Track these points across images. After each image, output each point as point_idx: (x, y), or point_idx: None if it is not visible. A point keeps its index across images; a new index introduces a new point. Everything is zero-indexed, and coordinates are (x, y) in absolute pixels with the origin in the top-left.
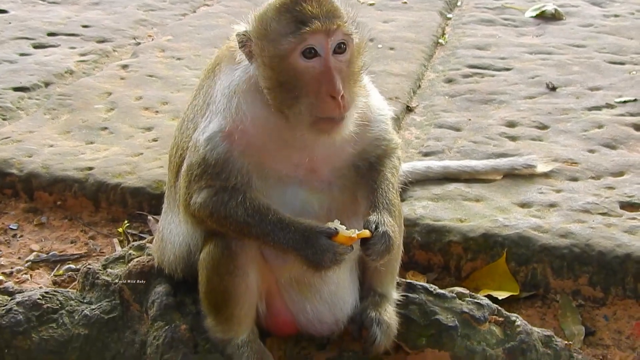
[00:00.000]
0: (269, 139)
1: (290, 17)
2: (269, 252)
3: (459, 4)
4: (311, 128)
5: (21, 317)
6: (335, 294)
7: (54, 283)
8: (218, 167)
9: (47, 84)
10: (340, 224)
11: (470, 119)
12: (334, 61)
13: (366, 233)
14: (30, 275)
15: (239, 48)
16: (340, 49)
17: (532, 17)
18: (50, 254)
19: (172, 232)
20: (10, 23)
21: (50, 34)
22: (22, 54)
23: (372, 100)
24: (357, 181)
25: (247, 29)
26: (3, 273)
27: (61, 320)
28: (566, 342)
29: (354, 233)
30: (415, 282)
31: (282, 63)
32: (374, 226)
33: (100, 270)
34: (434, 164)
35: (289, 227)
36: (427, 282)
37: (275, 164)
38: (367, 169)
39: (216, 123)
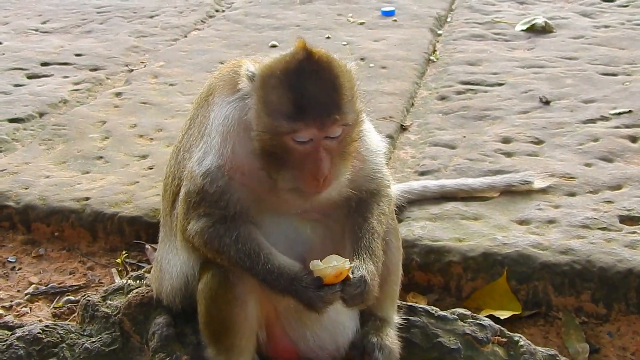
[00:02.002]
0: (265, 181)
1: (289, 98)
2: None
3: (448, 20)
4: (292, 192)
5: (22, 352)
6: (335, 320)
7: (54, 315)
8: (216, 195)
9: (41, 114)
10: (322, 260)
11: (465, 136)
12: (325, 144)
13: (346, 269)
14: (30, 308)
15: (246, 80)
16: (332, 134)
17: (522, 30)
18: (49, 285)
19: (169, 262)
20: (3, 54)
21: (44, 64)
22: (16, 85)
23: (366, 136)
24: (347, 216)
25: (254, 74)
26: (2, 307)
27: (62, 354)
28: None
29: (335, 268)
30: (416, 305)
31: (273, 137)
32: (355, 269)
33: (99, 302)
34: (431, 183)
35: (279, 278)
36: (428, 303)
37: (270, 199)
38: (356, 206)
39: (213, 158)
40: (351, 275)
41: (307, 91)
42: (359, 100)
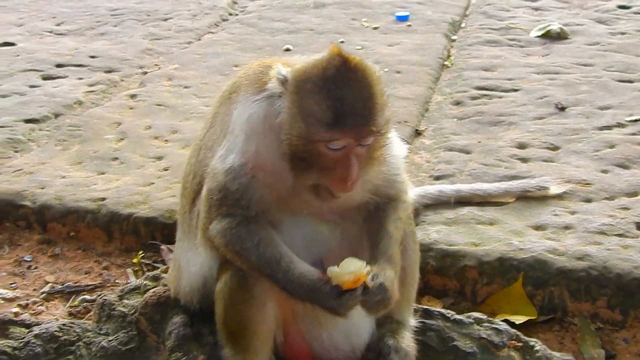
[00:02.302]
0: (287, 181)
1: (327, 106)
2: None
3: (463, 25)
4: (313, 193)
5: (39, 349)
6: (351, 322)
7: (70, 314)
8: (238, 193)
9: (56, 115)
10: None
11: (480, 141)
12: (357, 150)
13: (364, 274)
14: (46, 307)
15: (276, 82)
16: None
17: (537, 37)
18: (65, 285)
19: (188, 261)
20: (18, 55)
21: (58, 65)
22: (31, 86)
23: (392, 160)
24: (364, 220)
25: (287, 77)
26: (19, 305)
27: (79, 352)
28: None
29: (353, 274)
30: (432, 308)
31: (307, 143)
32: (371, 277)
33: (116, 301)
34: (446, 187)
35: (299, 287)
36: (443, 307)
37: (291, 199)
38: (373, 210)
39: (237, 156)
40: (369, 281)
41: (344, 99)
42: (388, 107)
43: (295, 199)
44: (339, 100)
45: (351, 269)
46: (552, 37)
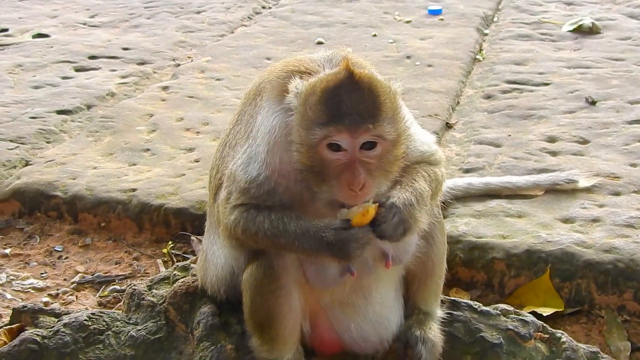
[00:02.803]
0: (308, 190)
1: (325, 108)
2: (310, 275)
3: (495, 19)
4: (330, 205)
5: (68, 338)
6: (379, 313)
7: (99, 304)
8: (261, 197)
9: (89, 107)
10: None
11: (510, 135)
12: (362, 155)
13: (373, 207)
14: (76, 297)
15: (293, 97)
16: (368, 146)
17: (569, 31)
18: (95, 275)
19: (214, 254)
20: (52, 47)
21: (91, 57)
22: (64, 77)
23: (415, 141)
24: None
25: (299, 90)
26: (49, 295)
27: (108, 341)
28: (613, 358)
29: (365, 205)
30: (460, 300)
31: (310, 149)
32: (384, 199)
33: (145, 291)
34: (475, 180)
35: (309, 232)
36: (471, 299)
37: (315, 206)
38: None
39: (261, 167)
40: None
41: (342, 102)
42: (401, 120)
43: (318, 206)
44: (335, 103)
45: (360, 206)
46: (584, 31)
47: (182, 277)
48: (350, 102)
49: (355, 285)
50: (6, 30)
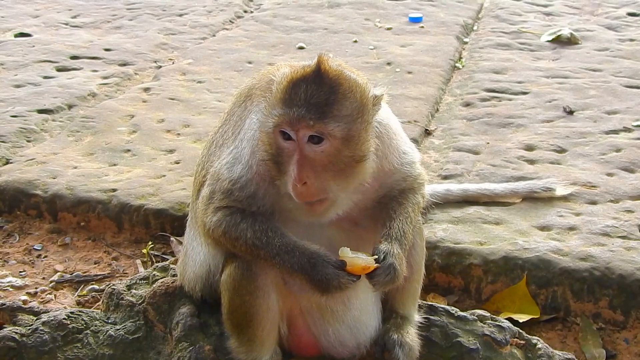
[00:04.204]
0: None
1: (282, 96)
2: (288, 278)
3: (475, 28)
4: (297, 206)
5: (47, 336)
6: (358, 318)
7: (78, 303)
8: (243, 198)
9: (70, 107)
10: (351, 250)
11: (488, 143)
12: (309, 149)
13: (373, 266)
14: (55, 296)
15: None
16: (315, 140)
17: (548, 41)
18: (74, 274)
19: (194, 249)
20: (33, 46)
21: (73, 57)
22: (45, 77)
23: (395, 146)
24: (379, 213)
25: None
26: (27, 293)
27: (86, 340)
28: None
29: (363, 261)
30: (437, 305)
31: (266, 135)
32: (382, 256)
33: (124, 290)
34: (454, 187)
35: (294, 251)
36: (448, 305)
37: (298, 209)
38: (389, 200)
39: (243, 169)
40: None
41: (298, 93)
42: (361, 123)
43: (297, 213)
44: (292, 93)
45: (363, 257)
46: (562, 42)
47: (161, 278)
48: (305, 94)
49: None
50: None
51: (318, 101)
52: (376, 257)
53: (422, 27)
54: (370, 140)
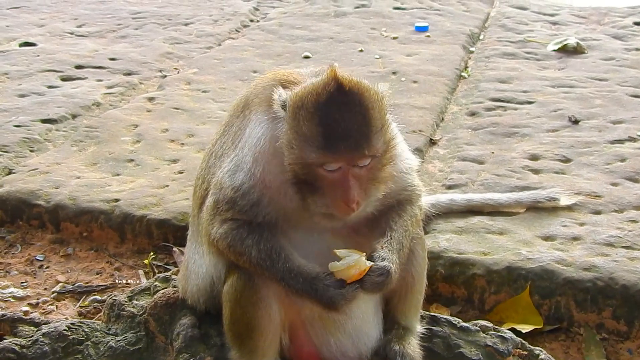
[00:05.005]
0: (294, 203)
1: (319, 131)
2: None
3: (481, 37)
4: (322, 217)
5: (47, 348)
6: (359, 328)
7: (80, 314)
8: (247, 207)
9: (74, 116)
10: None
11: (493, 152)
12: (354, 172)
13: (367, 267)
14: (56, 306)
15: (279, 107)
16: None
17: (554, 50)
18: (76, 285)
19: (196, 263)
20: (38, 56)
21: (78, 67)
22: (50, 87)
23: (401, 159)
24: (378, 221)
25: (286, 101)
26: (29, 304)
27: (87, 352)
28: None
29: (356, 268)
30: (439, 315)
31: (304, 166)
32: (379, 259)
33: (126, 301)
34: (458, 196)
35: (298, 277)
36: (451, 315)
37: (301, 216)
38: (388, 209)
39: (245, 176)
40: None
41: (336, 124)
42: (389, 128)
43: (305, 217)
44: (330, 125)
45: (353, 263)
46: (568, 51)
47: (163, 288)
48: (345, 124)
49: None
50: None
51: (358, 125)
52: (372, 264)
53: (429, 36)
54: (395, 137)
